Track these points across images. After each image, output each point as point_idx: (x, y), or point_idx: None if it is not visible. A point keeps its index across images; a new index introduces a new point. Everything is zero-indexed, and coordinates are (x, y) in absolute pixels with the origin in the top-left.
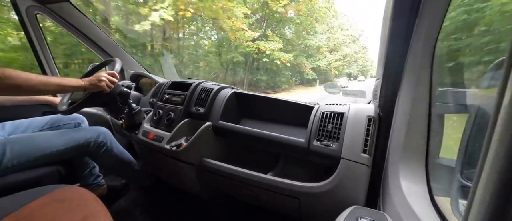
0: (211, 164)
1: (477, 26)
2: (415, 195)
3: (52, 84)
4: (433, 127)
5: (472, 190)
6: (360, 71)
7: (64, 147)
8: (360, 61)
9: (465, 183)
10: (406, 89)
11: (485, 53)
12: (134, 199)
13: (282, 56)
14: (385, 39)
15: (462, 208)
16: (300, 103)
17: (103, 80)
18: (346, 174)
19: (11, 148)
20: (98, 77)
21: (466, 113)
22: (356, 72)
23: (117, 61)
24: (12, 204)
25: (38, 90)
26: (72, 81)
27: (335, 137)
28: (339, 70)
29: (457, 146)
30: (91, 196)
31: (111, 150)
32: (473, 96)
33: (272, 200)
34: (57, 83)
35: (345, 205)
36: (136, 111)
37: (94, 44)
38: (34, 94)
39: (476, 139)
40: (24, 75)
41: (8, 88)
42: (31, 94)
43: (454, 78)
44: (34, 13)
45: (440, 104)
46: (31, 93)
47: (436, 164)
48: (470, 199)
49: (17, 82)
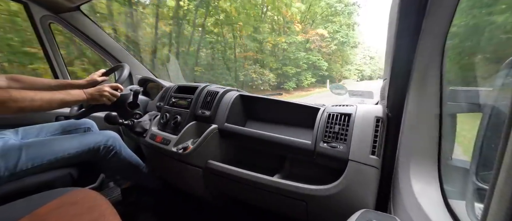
0: (217, 166)
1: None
2: (428, 198)
3: (55, 101)
4: (444, 127)
5: (488, 193)
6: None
7: (76, 151)
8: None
9: (481, 185)
10: (416, 88)
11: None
12: (143, 202)
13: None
14: (392, 38)
15: (478, 212)
16: (306, 104)
17: (105, 94)
18: (355, 177)
19: (26, 152)
20: (101, 91)
21: (479, 112)
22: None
23: (126, 66)
24: (27, 207)
25: (42, 110)
26: (75, 95)
27: (342, 138)
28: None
29: (471, 146)
30: (102, 198)
31: (120, 153)
32: (487, 94)
33: (279, 203)
34: (60, 99)
35: (354, 209)
36: (136, 122)
37: (103, 50)
38: (39, 112)
39: (491, 139)
40: (29, 95)
41: (14, 111)
42: (36, 112)
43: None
44: (48, 22)
45: (452, 103)
46: (37, 112)
47: (449, 166)
48: (487, 202)
49: (22, 105)
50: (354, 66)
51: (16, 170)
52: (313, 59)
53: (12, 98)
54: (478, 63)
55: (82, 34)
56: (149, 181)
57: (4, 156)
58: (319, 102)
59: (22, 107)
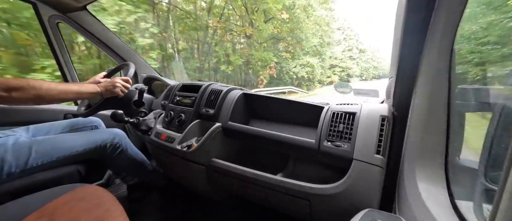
0: (220, 165)
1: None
2: (434, 198)
3: (71, 92)
4: (452, 126)
5: (498, 194)
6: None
7: (83, 148)
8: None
9: (489, 186)
10: (423, 87)
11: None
12: (148, 198)
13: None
14: (398, 36)
15: (486, 213)
16: (310, 103)
17: (118, 85)
18: (359, 176)
19: (36, 148)
20: (113, 83)
21: (489, 111)
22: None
23: (131, 65)
24: (36, 202)
25: (59, 99)
26: (89, 87)
27: (347, 137)
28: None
29: (480, 146)
30: (108, 195)
31: (126, 151)
32: (497, 93)
33: (282, 201)
34: (76, 91)
35: (359, 208)
36: (142, 120)
37: (109, 49)
38: (55, 102)
39: (501, 139)
40: (46, 85)
41: (32, 98)
42: (52, 103)
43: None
44: (56, 22)
45: (460, 102)
46: (52, 102)
47: (457, 166)
48: (496, 203)
49: (40, 93)
50: (325, 63)
51: (26, 167)
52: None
53: (30, 85)
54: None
55: (89, 33)
56: (154, 178)
57: (15, 153)
58: (324, 101)
59: (40, 95)
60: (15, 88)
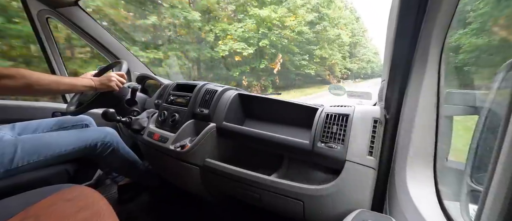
0: (214, 165)
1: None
2: (423, 199)
3: (64, 84)
4: (441, 129)
5: (483, 195)
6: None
7: (72, 147)
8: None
9: (475, 187)
10: (413, 90)
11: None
12: (140, 199)
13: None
14: (391, 39)
15: (472, 212)
16: (305, 104)
17: (113, 80)
18: (352, 177)
19: (22, 147)
20: (109, 77)
21: (475, 114)
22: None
23: (124, 62)
24: (21, 203)
25: (50, 89)
26: (84, 81)
27: (340, 139)
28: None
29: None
30: (98, 195)
31: (118, 150)
32: (483, 97)
33: (276, 202)
34: (69, 82)
35: (351, 209)
36: (134, 119)
37: (101, 46)
38: (46, 93)
39: (486, 141)
40: (36, 74)
41: (21, 86)
42: (43, 93)
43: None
44: (45, 17)
45: (449, 105)
46: (43, 92)
47: (445, 167)
48: (481, 203)
49: (29, 81)
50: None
51: (11, 167)
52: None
53: (20, 73)
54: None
55: (80, 29)
56: (146, 178)
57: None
58: (318, 102)
59: (29, 84)
60: (5, 75)
